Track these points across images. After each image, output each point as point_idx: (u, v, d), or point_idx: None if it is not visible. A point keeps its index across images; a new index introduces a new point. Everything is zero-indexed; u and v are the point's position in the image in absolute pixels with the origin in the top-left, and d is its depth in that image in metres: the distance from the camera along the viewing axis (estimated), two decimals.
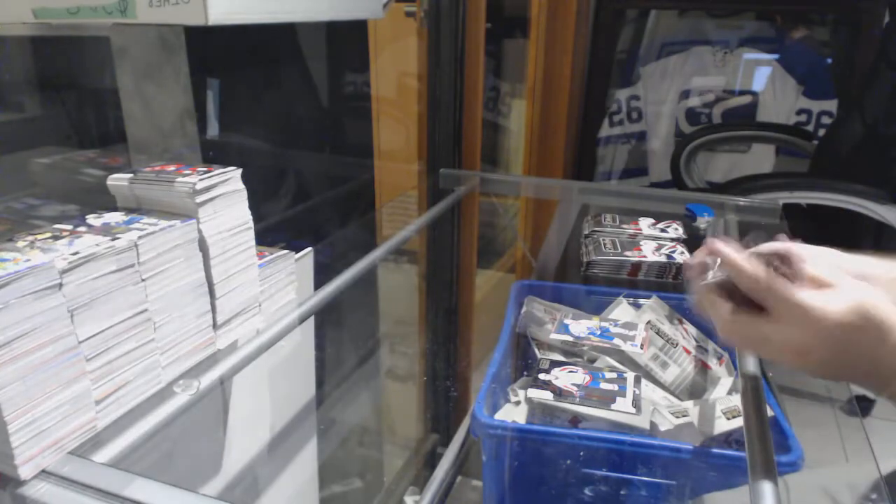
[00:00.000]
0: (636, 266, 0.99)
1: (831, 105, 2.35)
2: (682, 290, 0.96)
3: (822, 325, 0.45)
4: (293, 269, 0.77)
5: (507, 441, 0.69)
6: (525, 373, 0.85)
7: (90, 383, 0.52)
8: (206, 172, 0.61)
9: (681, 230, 1.09)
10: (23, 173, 0.81)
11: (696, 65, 2.50)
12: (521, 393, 0.79)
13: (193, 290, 0.61)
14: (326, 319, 1.00)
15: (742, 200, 1.23)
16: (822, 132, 2.26)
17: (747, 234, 0.57)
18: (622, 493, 0.68)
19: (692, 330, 0.87)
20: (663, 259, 0.99)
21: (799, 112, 2.39)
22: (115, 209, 0.62)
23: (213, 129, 1.02)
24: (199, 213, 0.60)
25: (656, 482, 0.67)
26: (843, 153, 1.87)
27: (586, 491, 0.69)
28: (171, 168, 0.63)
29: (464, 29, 1.29)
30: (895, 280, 0.52)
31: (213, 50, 0.96)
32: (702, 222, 1.16)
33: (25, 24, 0.72)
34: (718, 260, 0.53)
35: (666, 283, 0.99)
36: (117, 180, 0.62)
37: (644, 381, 0.75)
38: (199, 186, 0.59)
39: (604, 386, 0.72)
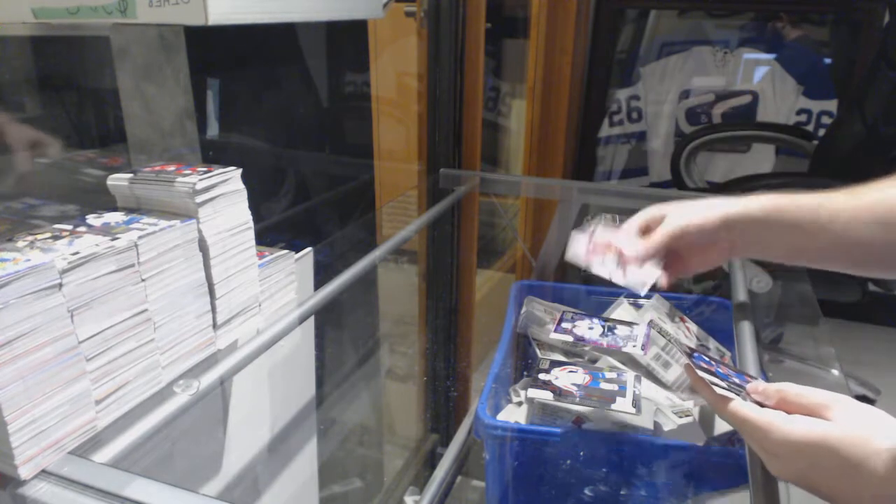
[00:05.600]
0: None
1: (831, 105, 2.35)
2: (682, 290, 0.96)
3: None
4: (293, 269, 0.77)
5: (510, 442, 0.69)
6: (525, 373, 0.85)
7: (90, 383, 0.52)
8: (206, 172, 0.61)
9: None
10: (23, 173, 0.81)
11: (696, 65, 2.50)
12: (523, 393, 0.79)
13: (193, 290, 0.61)
14: (326, 319, 1.00)
15: None
16: (822, 132, 2.26)
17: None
18: (622, 493, 0.68)
19: (694, 328, 0.87)
20: None
21: (799, 112, 2.40)
22: (115, 209, 0.62)
23: (213, 129, 1.02)
24: (199, 213, 0.60)
25: (658, 482, 0.67)
26: (843, 153, 1.87)
27: (587, 491, 0.69)
28: (171, 168, 0.63)
29: (464, 29, 1.29)
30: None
31: (213, 50, 0.96)
32: None
33: (25, 24, 0.72)
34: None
35: None
36: (117, 180, 0.62)
37: (646, 381, 0.75)
38: (199, 186, 0.59)
39: (604, 386, 0.72)
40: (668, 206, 0.69)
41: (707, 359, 0.59)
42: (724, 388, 0.53)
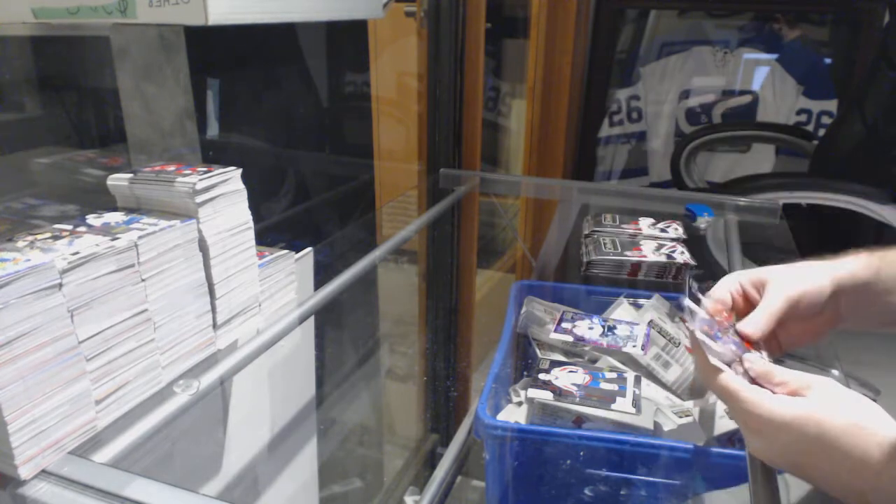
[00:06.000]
0: (636, 266, 0.99)
1: (831, 105, 2.35)
2: (682, 290, 0.96)
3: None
4: (293, 269, 0.77)
5: (510, 442, 0.69)
6: (525, 373, 0.85)
7: (90, 383, 0.52)
8: (206, 172, 0.61)
9: (681, 230, 1.09)
10: (23, 173, 0.81)
11: (696, 65, 2.50)
12: (523, 393, 0.79)
13: (193, 290, 0.61)
14: (326, 319, 1.00)
15: (742, 200, 1.23)
16: (822, 132, 2.26)
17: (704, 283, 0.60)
18: (622, 493, 0.68)
19: None
20: (663, 259, 0.99)
21: (799, 112, 2.40)
22: (115, 209, 0.62)
23: (213, 129, 1.02)
24: (199, 213, 0.60)
25: (658, 482, 0.67)
26: (843, 153, 1.87)
27: (587, 491, 0.69)
28: (171, 168, 0.63)
29: (464, 29, 1.29)
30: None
31: (213, 50, 0.96)
32: (702, 222, 1.16)
33: (25, 24, 0.72)
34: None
35: (666, 282, 0.99)
36: (117, 180, 0.62)
37: (646, 381, 0.75)
38: (199, 186, 0.59)
39: (604, 386, 0.72)
40: (766, 270, 0.61)
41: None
42: (717, 351, 0.53)
